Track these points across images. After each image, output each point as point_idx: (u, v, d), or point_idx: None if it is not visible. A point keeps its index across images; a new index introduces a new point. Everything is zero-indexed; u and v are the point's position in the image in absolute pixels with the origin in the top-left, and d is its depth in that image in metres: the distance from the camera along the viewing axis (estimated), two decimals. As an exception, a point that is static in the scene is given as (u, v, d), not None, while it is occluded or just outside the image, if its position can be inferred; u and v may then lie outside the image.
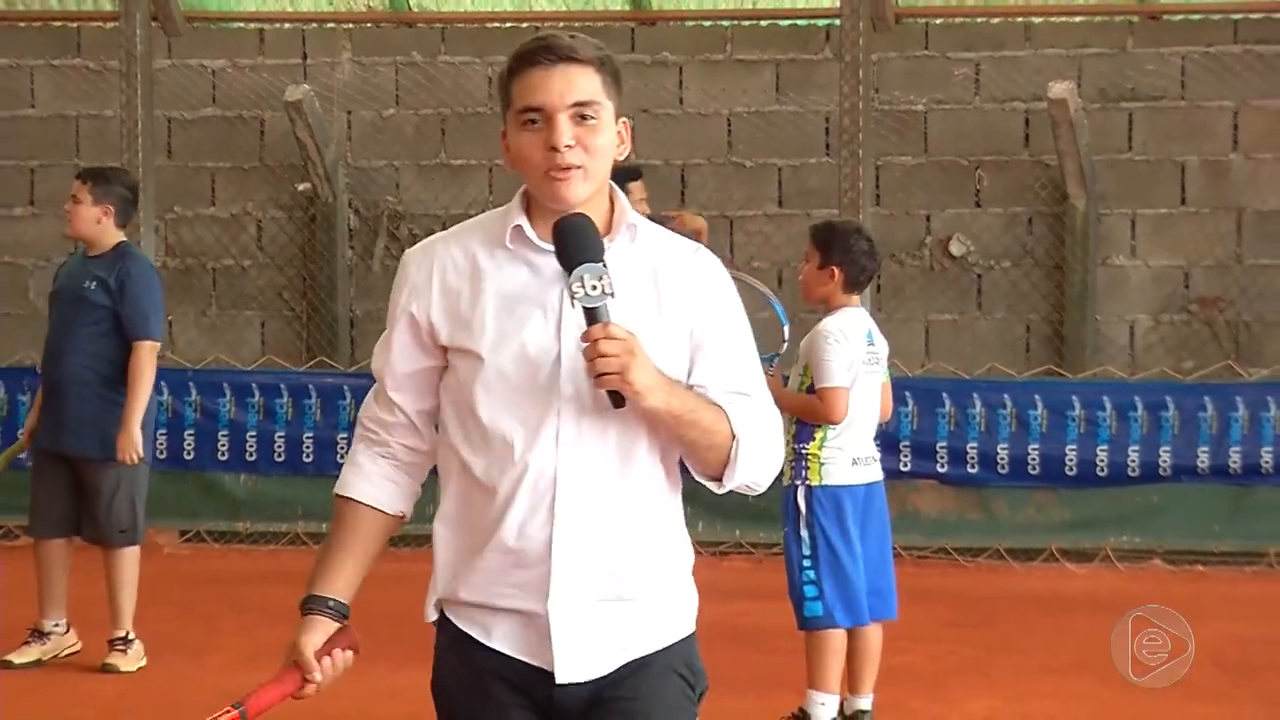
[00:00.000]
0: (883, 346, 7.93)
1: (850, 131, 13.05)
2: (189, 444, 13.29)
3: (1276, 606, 11.43)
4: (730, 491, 3.72)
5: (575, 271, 3.45)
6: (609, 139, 3.62)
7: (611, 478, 3.60)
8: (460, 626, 3.68)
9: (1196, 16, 14.13)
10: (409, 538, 12.40)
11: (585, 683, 3.60)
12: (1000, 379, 13.08)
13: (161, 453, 12.57)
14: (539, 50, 3.59)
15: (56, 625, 9.62)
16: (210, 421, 13.36)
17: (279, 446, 13.22)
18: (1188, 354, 13.78)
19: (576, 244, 3.50)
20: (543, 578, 3.56)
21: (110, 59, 14.59)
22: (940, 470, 12.73)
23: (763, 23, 14.49)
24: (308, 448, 13.16)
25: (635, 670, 3.64)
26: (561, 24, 14.60)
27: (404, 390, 3.77)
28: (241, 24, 15.26)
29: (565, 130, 3.54)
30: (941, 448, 12.71)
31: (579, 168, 3.56)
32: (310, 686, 3.80)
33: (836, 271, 7.60)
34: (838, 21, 13.57)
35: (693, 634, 3.77)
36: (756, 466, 3.66)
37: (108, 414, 9.30)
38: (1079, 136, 13.55)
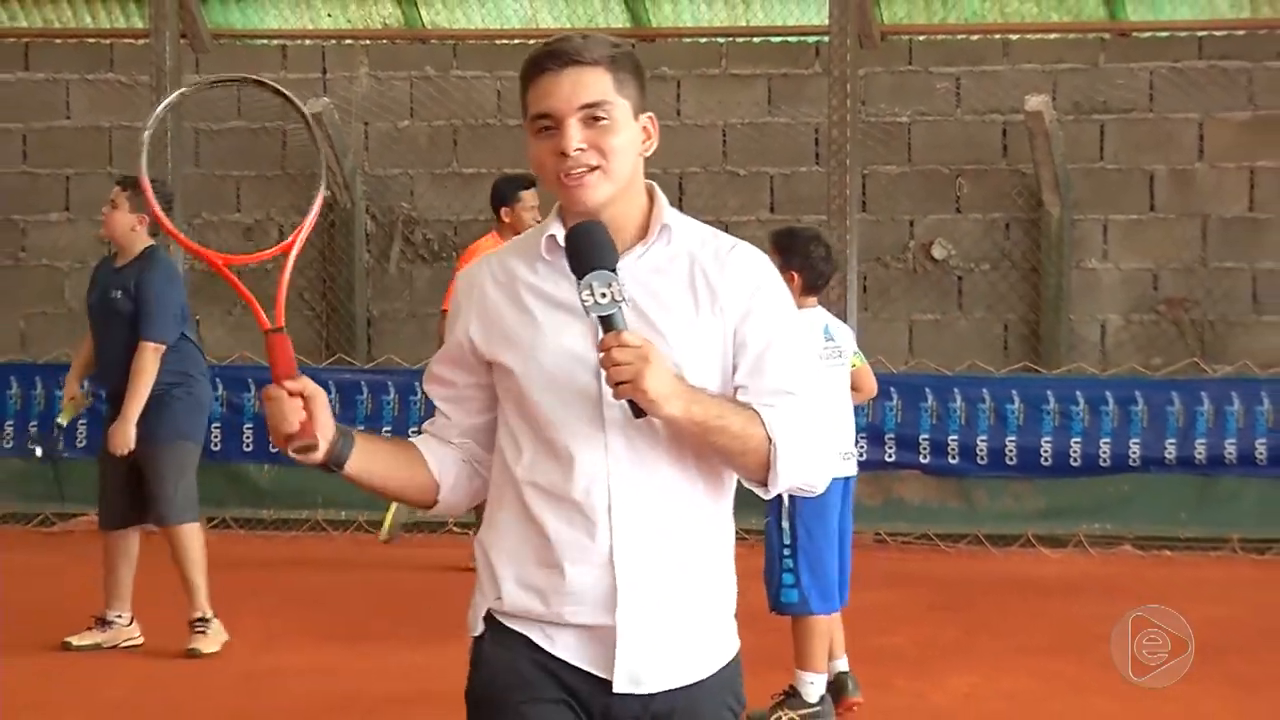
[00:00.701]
0: (844, 337, 7.95)
1: (838, 142, 13.04)
2: (216, 436, 13.24)
3: (1240, 590, 11.42)
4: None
5: (584, 280, 3.20)
6: (627, 137, 3.38)
7: (667, 487, 3.37)
8: (517, 629, 3.42)
9: (1164, 34, 14.13)
10: (421, 524, 12.43)
11: (640, 695, 3.38)
12: (979, 375, 13.07)
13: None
14: (546, 56, 3.38)
15: (119, 616, 9.58)
16: (236, 415, 13.35)
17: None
18: (1156, 352, 13.78)
19: (584, 251, 3.25)
20: (609, 590, 3.33)
21: (141, 74, 14.60)
22: (923, 461, 12.74)
23: (756, 39, 14.46)
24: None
25: (691, 698, 3.43)
26: (566, 41, 14.57)
27: (453, 405, 3.58)
28: (265, 41, 15.25)
29: (574, 134, 3.31)
30: (924, 440, 12.71)
31: (595, 169, 3.33)
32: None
33: (796, 275, 7.58)
34: (826, 39, 13.57)
35: (739, 653, 3.54)
36: (801, 467, 3.39)
37: (160, 401, 9.28)
38: (1054, 147, 13.55)
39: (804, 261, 7.72)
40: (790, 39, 14.56)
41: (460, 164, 14.74)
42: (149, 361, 9.21)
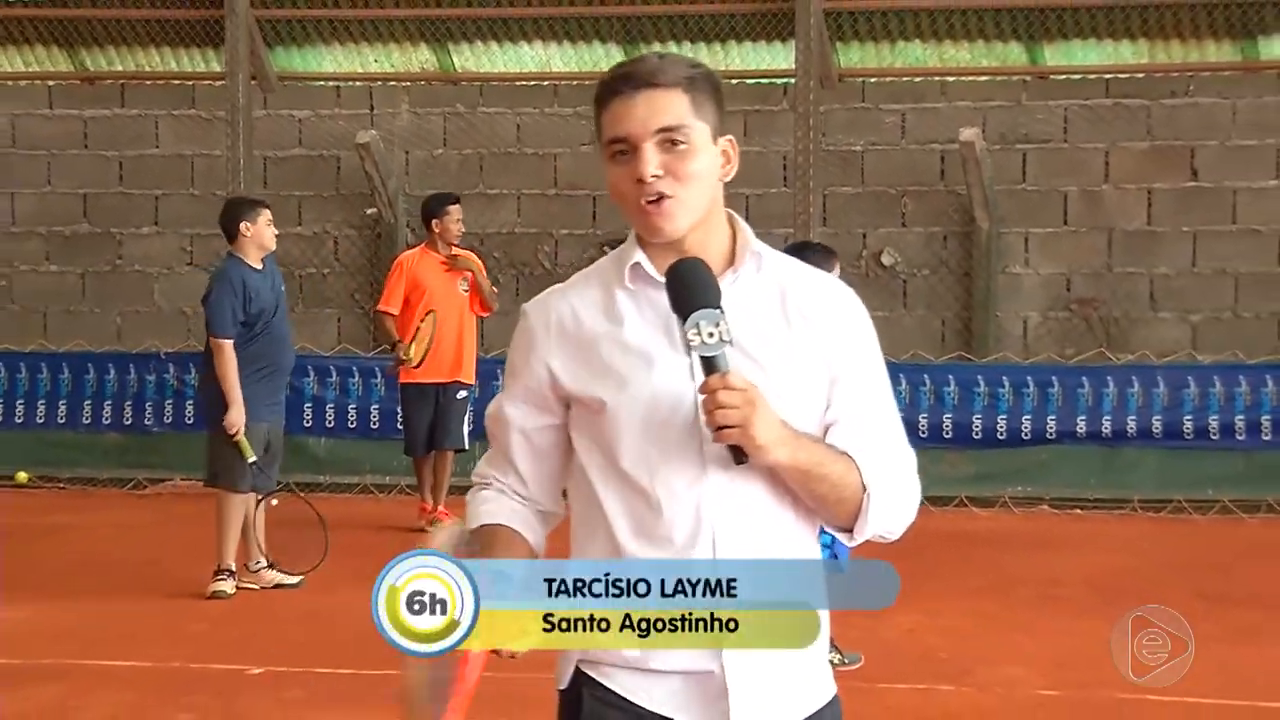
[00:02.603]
0: None
1: (802, 167, 13.08)
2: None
3: (1139, 542, 11.43)
4: None
5: (690, 319, 2.61)
6: (705, 163, 2.77)
7: (769, 524, 2.74)
8: (610, 687, 2.75)
9: (1076, 76, 14.14)
10: (452, 489, 12.43)
11: None
12: (921, 363, 13.06)
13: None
14: (620, 79, 2.77)
15: (257, 563, 9.58)
16: (298, 396, 13.32)
17: (351, 416, 13.22)
18: (1069, 343, 13.78)
19: (689, 289, 2.65)
20: None
21: (218, 110, 14.60)
22: (874, 435, 12.73)
23: (733, 81, 14.44)
24: (374, 417, 13.15)
25: None
26: (574, 82, 14.59)
27: (525, 450, 2.89)
28: (322, 82, 15.24)
29: (651, 159, 2.71)
30: (875, 417, 12.71)
31: (670, 197, 2.73)
32: None
33: None
34: (793, 80, 13.60)
35: (837, 695, 2.90)
36: (889, 517, 2.81)
37: (247, 389, 9.33)
38: (983, 171, 13.55)
39: None
40: (762, 81, 14.55)
41: (485, 186, 14.73)
42: (215, 353, 9.31)
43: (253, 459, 9.27)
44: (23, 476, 13.24)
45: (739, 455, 2.63)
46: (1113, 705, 7.05)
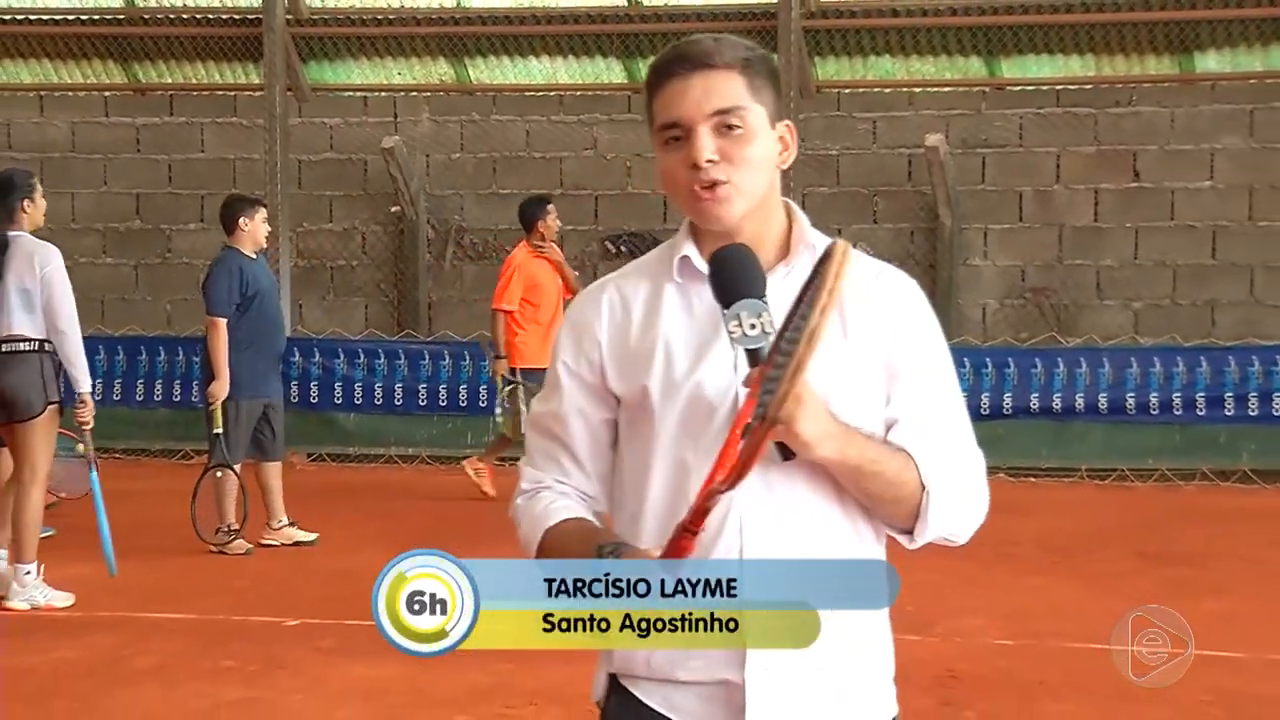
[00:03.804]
0: None
1: (784, 170, 13.01)
2: (314, 391, 13.28)
3: (1085, 507, 11.44)
4: None
5: (731, 309, 2.22)
6: (762, 148, 2.36)
7: (806, 529, 2.32)
8: (638, 696, 2.39)
9: (1031, 87, 14.13)
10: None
11: None
12: (890, 345, 13.05)
13: (295, 398, 12.62)
14: (674, 60, 2.36)
15: (279, 521, 9.59)
16: (329, 375, 13.36)
17: (377, 393, 13.22)
18: (1024, 328, 13.78)
19: (731, 278, 2.26)
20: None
21: (257, 118, 14.59)
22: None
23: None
24: (397, 394, 13.16)
25: None
26: (578, 93, 14.58)
27: (585, 443, 2.47)
28: (350, 93, 15.21)
29: (706, 144, 2.31)
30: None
31: (726, 183, 2.33)
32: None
33: None
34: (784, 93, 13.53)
35: (897, 714, 2.47)
36: (952, 518, 2.37)
37: (244, 366, 9.35)
38: (947, 173, 13.54)
39: None
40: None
41: (498, 187, 14.71)
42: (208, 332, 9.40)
43: (218, 430, 9.28)
44: (82, 448, 13.20)
45: (785, 452, 2.24)
46: (1061, 652, 7.06)
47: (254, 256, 9.59)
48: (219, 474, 9.34)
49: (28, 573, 7.82)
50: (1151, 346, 13.04)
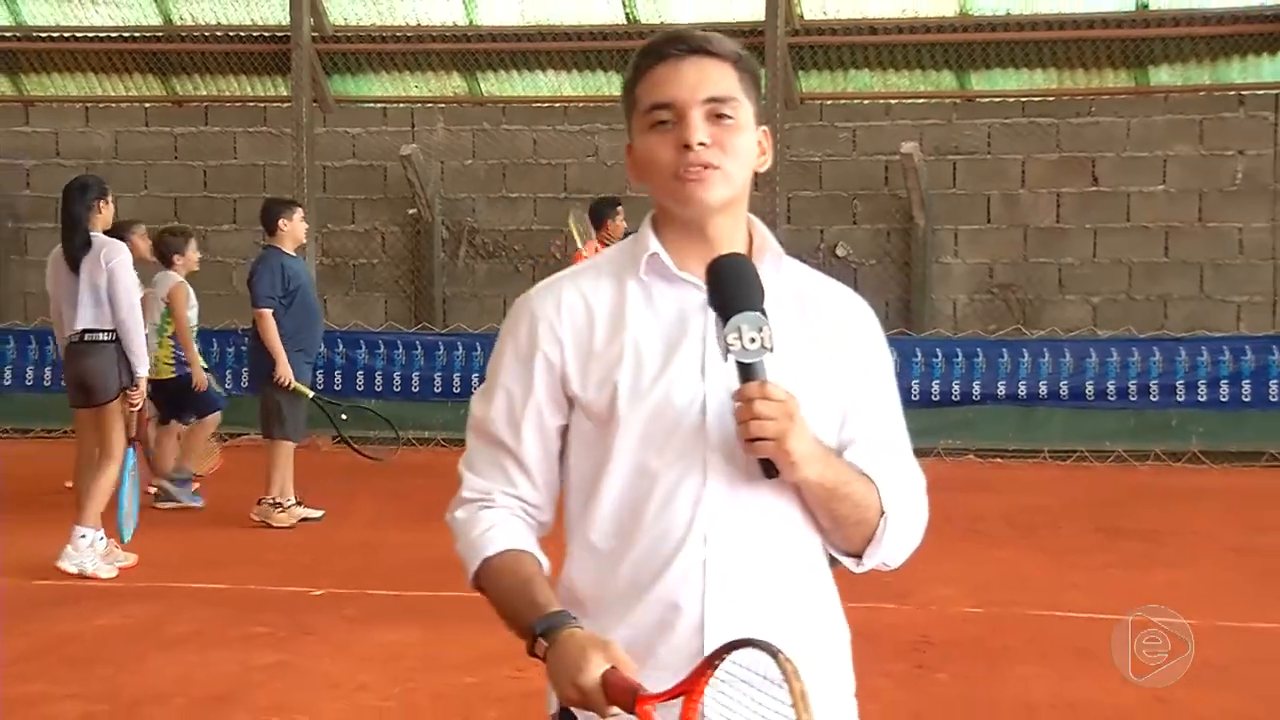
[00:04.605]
0: None
1: (770, 175, 13.00)
2: (337, 379, 13.28)
3: (1048, 485, 11.45)
4: None
5: (732, 321, 1.96)
6: (749, 142, 2.14)
7: (769, 541, 2.08)
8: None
9: (998, 99, 14.10)
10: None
11: None
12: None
13: (320, 385, 12.60)
14: (668, 41, 2.14)
15: (289, 500, 9.58)
16: (351, 365, 13.38)
17: (396, 381, 13.23)
18: (991, 321, 13.77)
19: (734, 288, 2.00)
20: (695, 654, 1.97)
21: (285, 127, 14.57)
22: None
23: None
24: (414, 382, 13.16)
25: None
26: (581, 104, 14.57)
27: (535, 451, 2.15)
28: (371, 104, 15.19)
29: (699, 126, 2.07)
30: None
31: (716, 168, 2.08)
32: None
33: None
34: (764, 101, 13.50)
35: None
36: (899, 545, 2.17)
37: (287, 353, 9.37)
38: (921, 178, 13.53)
39: None
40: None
41: (507, 191, 14.70)
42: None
43: (312, 394, 9.36)
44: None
45: (769, 469, 2.02)
46: (1025, 619, 7.06)
47: (294, 254, 9.60)
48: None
49: (83, 536, 7.86)
50: (1109, 338, 13.04)
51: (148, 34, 15.29)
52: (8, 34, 15.39)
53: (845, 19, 14.10)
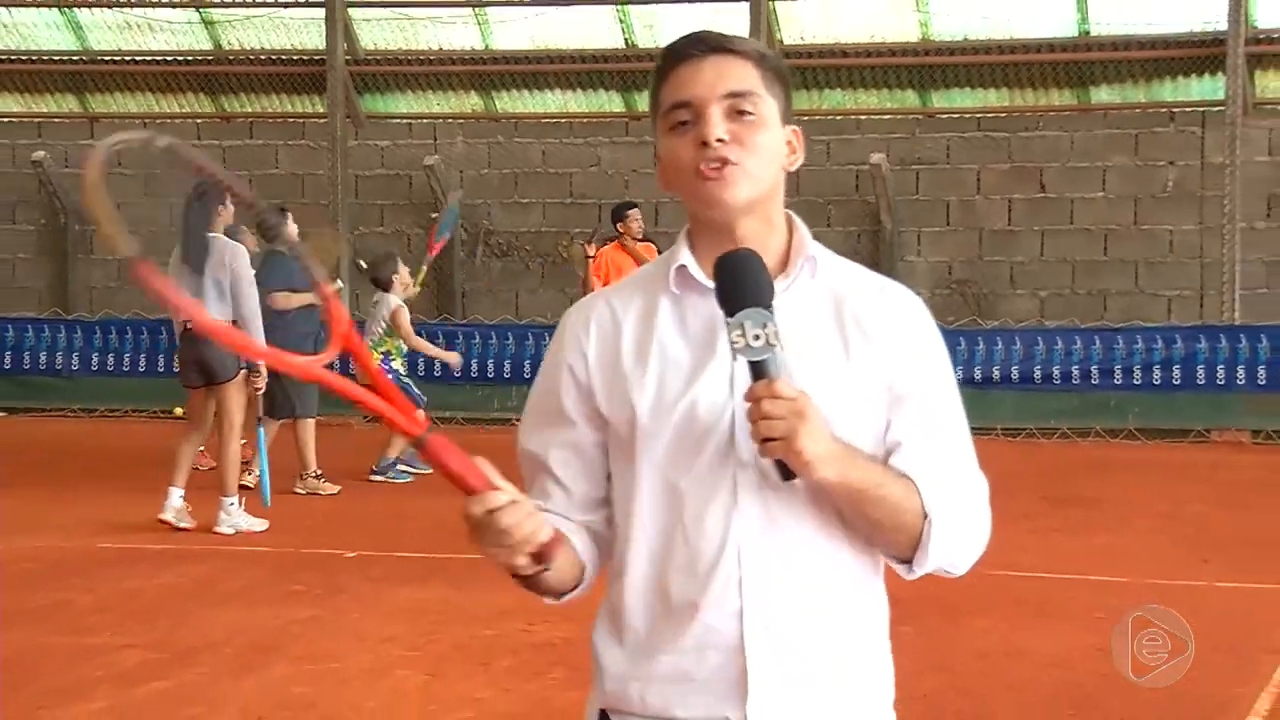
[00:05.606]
0: None
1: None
2: (345, 367, 13.25)
3: (1000, 460, 11.06)
4: None
5: (735, 318, 1.72)
6: (773, 139, 1.85)
7: (807, 556, 1.82)
8: None
9: (956, 115, 14.11)
10: (492, 420, 12.37)
11: None
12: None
13: (355, 370, 12.57)
14: (689, 43, 1.87)
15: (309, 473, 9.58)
16: (381, 352, 13.34)
17: (420, 366, 13.14)
18: (950, 313, 13.74)
19: (738, 284, 1.75)
20: (737, 677, 1.79)
21: (321, 140, 14.56)
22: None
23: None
24: (436, 367, 13.11)
25: None
26: (584, 120, 14.56)
27: (574, 469, 1.92)
28: (398, 120, 15.18)
29: (718, 122, 1.81)
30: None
31: (735, 164, 1.81)
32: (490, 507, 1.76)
33: None
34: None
35: None
36: (953, 549, 1.88)
37: (293, 335, 9.25)
38: (888, 186, 13.53)
39: None
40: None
41: (519, 197, 14.68)
42: None
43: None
44: (179, 411, 13.22)
45: (785, 472, 1.74)
46: (980, 580, 7.04)
47: (288, 253, 9.60)
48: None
49: (231, 503, 8.06)
50: (1055, 328, 13.05)
51: (199, 57, 15.30)
52: (75, 57, 15.40)
53: (819, 43, 14.11)
